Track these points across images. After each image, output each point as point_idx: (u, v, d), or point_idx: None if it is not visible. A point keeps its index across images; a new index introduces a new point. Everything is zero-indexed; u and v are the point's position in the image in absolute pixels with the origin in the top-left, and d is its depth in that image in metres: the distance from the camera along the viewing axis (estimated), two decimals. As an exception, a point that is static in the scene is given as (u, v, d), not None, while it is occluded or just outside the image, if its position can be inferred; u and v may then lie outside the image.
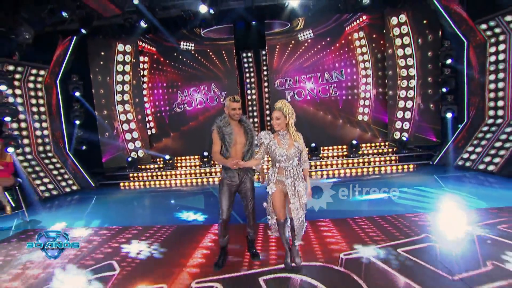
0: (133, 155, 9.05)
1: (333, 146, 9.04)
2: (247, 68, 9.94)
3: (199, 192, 7.17)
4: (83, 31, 7.76)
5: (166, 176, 8.57)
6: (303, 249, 3.34)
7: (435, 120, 8.16)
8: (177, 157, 9.25)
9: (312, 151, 8.25)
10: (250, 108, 10.02)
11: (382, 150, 8.59)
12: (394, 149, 8.43)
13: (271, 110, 9.01)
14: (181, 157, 9.34)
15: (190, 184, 8.09)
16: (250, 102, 10.03)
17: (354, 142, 8.34)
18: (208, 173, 8.42)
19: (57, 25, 7.36)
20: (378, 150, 8.63)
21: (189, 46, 9.18)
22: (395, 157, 8.11)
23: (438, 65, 7.87)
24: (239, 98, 3.10)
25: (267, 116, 9.89)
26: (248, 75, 9.96)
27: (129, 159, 8.81)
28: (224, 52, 9.21)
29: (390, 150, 8.51)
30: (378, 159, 8.10)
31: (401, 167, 7.72)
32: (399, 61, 8.38)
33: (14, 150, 6.63)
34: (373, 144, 8.98)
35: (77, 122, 8.47)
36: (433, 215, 4.24)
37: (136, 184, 8.37)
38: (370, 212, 4.51)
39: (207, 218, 5.00)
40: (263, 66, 9.80)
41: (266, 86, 9.77)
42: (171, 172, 8.60)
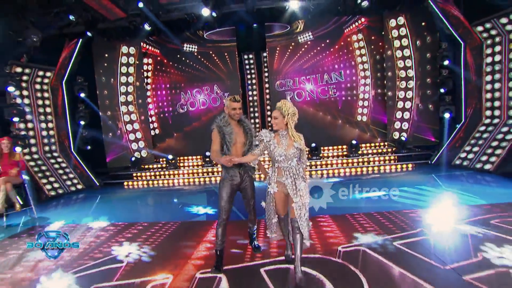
0: (137, 155, 9.22)
1: (333, 146, 9.18)
2: (248, 70, 10.11)
3: (203, 191, 7.34)
4: (89, 34, 7.98)
5: (169, 175, 8.72)
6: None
7: (433, 120, 8.29)
8: (180, 157, 9.40)
9: (312, 151, 8.39)
10: (251, 109, 10.19)
11: (382, 150, 8.73)
12: (393, 149, 8.56)
13: (271, 110, 9.17)
14: (184, 157, 9.50)
15: (192, 183, 8.24)
16: (251, 103, 10.20)
17: (354, 142, 8.48)
18: (210, 173, 8.57)
19: (63, 28, 7.54)
20: (378, 150, 8.76)
21: (192, 48, 9.37)
22: (394, 157, 8.24)
23: (436, 66, 7.99)
24: (240, 98, 3.09)
25: (268, 117, 10.05)
26: (249, 76, 10.13)
27: (133, 159, 8.97)
28: (226, 54, 9.38)
29: (390, 150, 8.64)
30: (377, 158, 8.24)
31: (400, 167, 7.85)
32: (397, 62, 8.53)
33: (21, 149, 6.84)
34: (372, 144, 9.11)
35: (82, 122, 8.65)
36: (429, 211, 4.38)
37: (139, 183, 8.54)
38: (369, 208, 4.65)
39: (216, 212, 5.14)
40: (264, 67, 9.97)
41: (267, 87, 9.93)
42: (174, 172, 8.75)
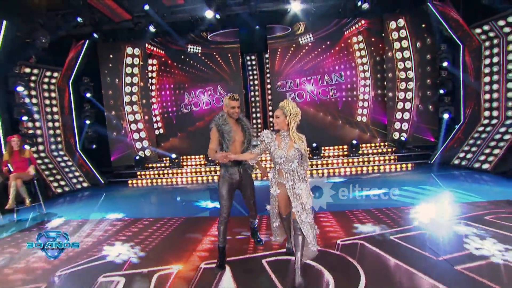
0: (141, 154, 9.39)
1: (334, 146, 9.31)
2: (250, 71, 10.28)
3: (206, 188, 7.50)
4: (95, 35, 8.18)
5: (173, 174, 8.88)
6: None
7: (433, 121, 8.39)
8: (183, 156, 9.57)
9: (313, 150, 8.53)
10: (253, 109, 10.35)
11: (382, 150, 8.85)
12: (393, 149, 8.68)
13: (273, 111, 9.34)
14: (187, 156, 9.67)
15: (195, 182, 8.40)
16: (253, 104, 10.36)
17: (354, 142, 8.61)
18: (213, 171, 8.72)
19: (69, 29, 7.71)
20: (378, 150, 8.89)
21: (196, 49, 9.55)
22: (394, 157, 8.36)
23: (436, 67, 8.10)
24: (238, 96, 3.07)
25: (270, 117, 10.19)
26: (251, 77, 10.30)
27: (137, 157, 9.15)
28: (229, 55, 9.56)
29: (390, 150, 8.76)
30: (377, 158, 8.36)
31: (399, 166, 7.97)
32: (397, 63, 8.66)
33: (29, 148, 7.01)
34: (372, 144, 9.24)
35: (88, 122, 8.85)
36: (426, 208, 4.51)
37: (143, 181, 8.71)
38: (368, 205, 4.78)
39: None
40: (266, 68, 10.14)
41: (269, 88, 10.09)
42: (177, 171, 8.92)
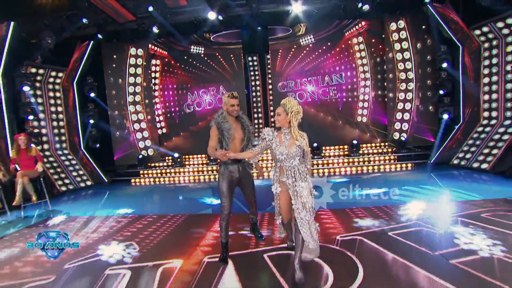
0: (144, 153, 9.51)
1: (335, 146, 9.41)
2: (252, 71, 10.40)
3: (209, 187, 7.62)
4: (99, 36, 8.31)
5: (175, 173, 8.99)
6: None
7: (433, 121, 8.47)
8: (186, 156, 9.68)
9: (314, 150, 8.63)
10: (255, 109, 10.46)
11: (382, 150, 8.93)
12: (393, 149, 8.76)
13: (274, 111, 9.43)
14: (189, 156, 9.78)
15: (197, 181, 8.51)
16: (255, 104, 10.47)
17: (355, 142, 8.70)
18: (215, 170, 8.82)
19: (75, 30, 7.84)
20: (378, 150, 8.97)
21: (199, 50, 9.69)
22: (394, 157, 8.44)
23: (436, 68, 8.19)
24: (237, 94, 3.10)
25: (272, 117, 10.30)
26: (253, 77, 10.42)
27: (140, 156, 9.26)
28: (232, 56, 9.69)
29: (390, 150, 8.85)
30: (378, 158, 8.44)
31: (399, 166, 8.06)
32: (398, 64, 8.75)
33: (34, 146, 7.13)
34: (373, 144, 9.33)
35: (91, 121, 8.98)
36: (425, 206, 4.59)
37: (146, 180, 8.82)
38: (367, 203, 4.88)
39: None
40: (268, 69, 10.25)
41: (270, 88, 10.20)
42: (179, 170, 9.03)
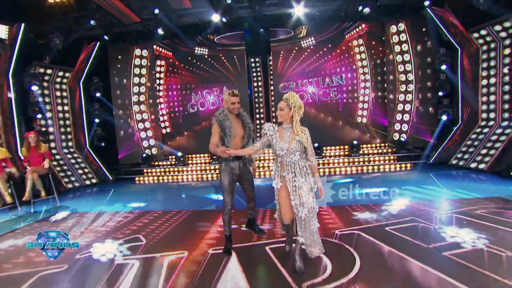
0: (147, 152, 9.68)
1: (335, 146, 9.55)
2: (254, 72, 10.58)
3: (212, 185, 7.80)
4: (106, 37, 8.50)
5: (178, 172, 9.16)
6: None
7: (432, 122, 8.60)
8: (189, 155, 9.85)
9: (315, 150, 8.75)
10: (257, 110, 10.63)
11: (382, 150, 9.06)
12: (393, 149, 8.90)
13: (276, 112, 9.58)
14: (193, 155, 9.94)
15: (200, 180, 8.67)
16: (257, 104, 10.64)
17: (355, 142, 8.84)
18: (217, 169, 8.98)
19: (83, 32, 8.03)
20: (378, 150, 9.11)
21: (203, 51, 9.87)
22: (394, 157, 8.57)
23: (436, 70, 8.33)
24: (238, 92, 3.15)
25: (273, 118, 10.46)
26: (255, 78, 10.59)
27: (144, 155, 9.45)
28: (235, 57, 9.88)
29: (389, 150, 8.98)
30: (377, 158, 8.58)
31: (399, 166, 8.19)
32: (398, 66, 8.89)
33: (44, 144, 7.33)
34: (373, 144, 9.46)
35: (97, 120, 9.19)
36: (422, 203, 4.73)
37: (150, 179, 9.00)
38: (367, 201, 5.02)
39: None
40: (270, 70, 10.42)
41: (272, 89, 10.37)
42: (182, 168, 9.20)
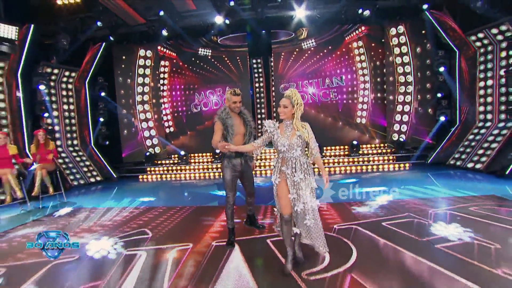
0: (151, 151, 9.86)
1: (335, 146, 9.71)
2: (256, 73, 10.76)
3: (214, 183, 7.97)
4: (111, 38, 8.70)
5: (181, 170, 9.34)
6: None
7: (431, 123, 8.75)
8: (191, 154, 10.02)
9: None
10: (258, 110, 10.82)
11: (381, 151, 9.22)
12: (392, 150, 9.05)
13: (276, 112, 9.77)
14: (195, 154, 10.12)
15: (202, 178, 8.84)
16: (258, 105, 10.83)
17: (355, 142, 9.00)
18: (219, 168, 9.15)
19: (91, 33, 8.22)
20: (378, 151, 9.26)
21: (206, 52, 10.06)
22: (393, 157, 8.72)
23: (435, 72, 8.48)
24: (240, 91, 3.24)
25: (274, 118, 10.62)
26: (257, 79, 10.77)
27: (147, 154, 9.62)
28: (238, 58, 10.07)
29: (389, 150, 9.13)
30: (377, 158, 8.73)
31: (398, 166, 8.34)
32: (397, 68, 9.05)
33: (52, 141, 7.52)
34: (372, 145, 9.62)
35: (101, 119, 9.37)
36: (419, 201, 4.89)
37: (153, 177, 9.17)
38: (366, 199, 5.18)
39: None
40: (271, 71, 10.60)
41: (274, 90, 10.55)
42: (185, 167, 9.37)
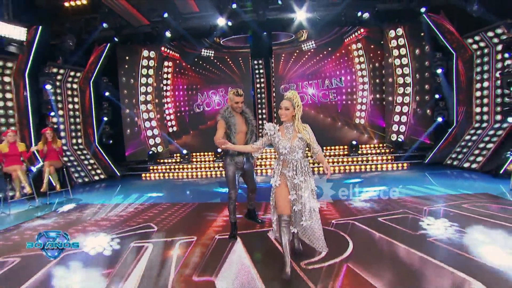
0: (153, 150, 10.04)
1: (335, 146, 9.87)
2: (257, 74, 10.94)
3: (216, 182, 8.13)
4: (116, 39, 8.88)
5: (183, 169, 9.51)
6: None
7: (429, 124, 8.88)
8: (194, 153, 10.19)
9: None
10: (259, 110, 10.99)
11: (380, 151, 9.38)
12: (391, 150, 9.21)
13: (277, 112, 9.95)
14: (197, 153, 10.28)
15: (204, 176, 9.01)
16: (260, 105, 11.00)
17: (354, 142, 9.16)
18: (221, 167, 9.31)
19: (97, 34, 8.40)
20: (376, 151, 9.42)
21: (209, 53, 10.25)
22: (392, 157, 8.88)
23: (433, 73, 8.63)
24: (242, 92, 3.34)
25: (275, 118, 10.79)
26: (258, 80, 10.95)
27: (150, 153, 9.80)
28: (240, 59, 10.27)
29: (388, 150, 9.29)
30: (376, 158, 8.89)
31: (396, 166, 8.50)
32: (396, 69, 9.21)
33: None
34: (371, 145, 9.77)
35: (105, 118, 9.55)
36: (415, 198, 5.05)
37: (156, 175, 9.35)
38: (364, 197, 5.34)
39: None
40: (272, 72, 10.77)
41: (274, 90, 10.72)
42: (187, 166, 9.54)
